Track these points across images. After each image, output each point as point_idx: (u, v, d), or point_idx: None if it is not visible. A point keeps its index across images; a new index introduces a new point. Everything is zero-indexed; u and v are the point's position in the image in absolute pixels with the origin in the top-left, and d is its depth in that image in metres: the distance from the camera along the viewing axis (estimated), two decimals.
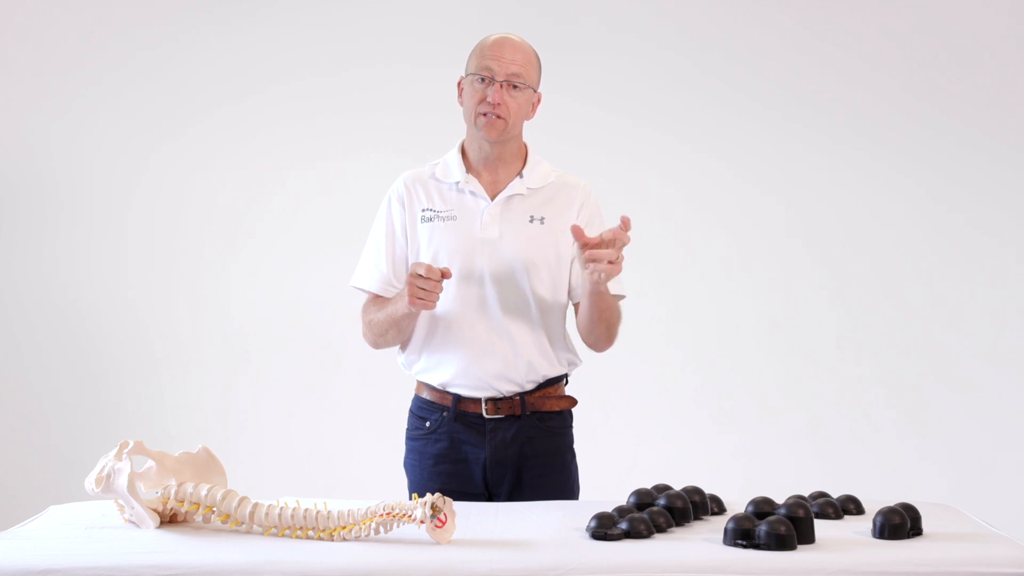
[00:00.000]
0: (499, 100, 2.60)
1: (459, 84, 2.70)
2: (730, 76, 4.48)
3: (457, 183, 2.69)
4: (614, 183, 4.24)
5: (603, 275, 2.44)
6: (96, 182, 4.49)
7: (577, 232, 2.44)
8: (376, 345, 2.73)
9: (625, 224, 2.43)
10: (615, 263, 2.44)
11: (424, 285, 2.48)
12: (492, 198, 2.68)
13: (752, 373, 4.48)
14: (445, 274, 2.50)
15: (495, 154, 2.68)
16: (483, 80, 2.61)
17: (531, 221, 2.67)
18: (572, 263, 2.69)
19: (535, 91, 2.67)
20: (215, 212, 4.50)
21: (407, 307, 2.55)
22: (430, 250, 2.66)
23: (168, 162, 4.50)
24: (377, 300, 2.71)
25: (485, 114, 2.61)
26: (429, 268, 2.49)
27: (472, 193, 2.68)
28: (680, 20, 4.49)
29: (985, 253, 4.46)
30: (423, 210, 2.69)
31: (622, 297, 2.73)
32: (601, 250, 2.42)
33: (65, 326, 4.49)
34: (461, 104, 2.70)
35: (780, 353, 4.48)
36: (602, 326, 2.67)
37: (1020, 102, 4.46)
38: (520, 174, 2.70)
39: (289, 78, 4.49)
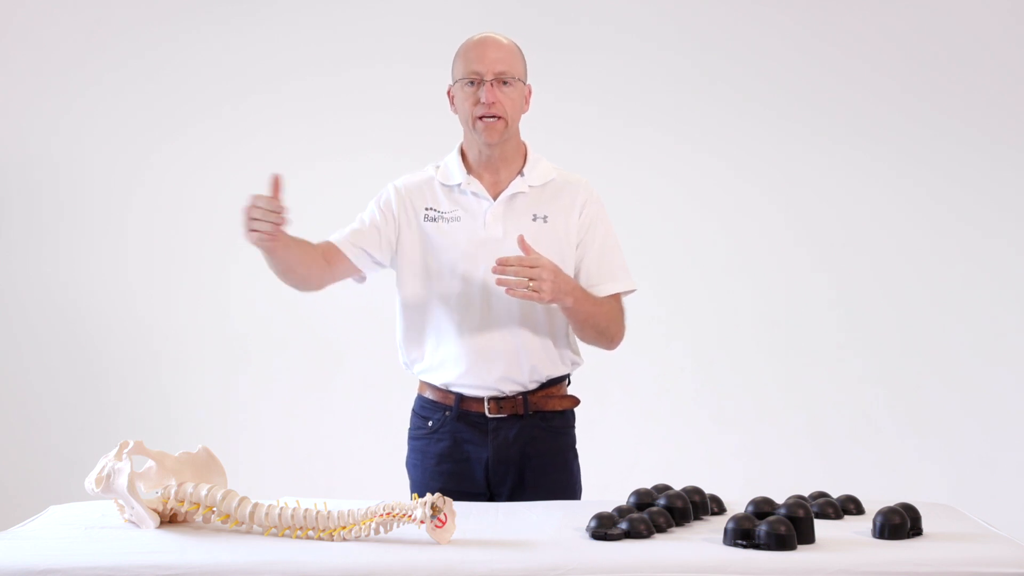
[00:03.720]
0: (493, 99, 2.60)
1: (449, 93, 2.71)
2: (730, 76, 4.48)
3: (459, 185, 2.69)
4: (614, 183, 4.23)
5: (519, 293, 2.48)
6: (96, 182, 4.49)
7: (521, 244, 2.51)
8: (281, 278, 2.65)
9: (518, 243, 2.51)
10: (530, 288, 2.47)
11: (255, 215, 2.38)
12: (494, 198, 2.68)
13: (752, 373, 4.48)
14: (275, 183, 2.40)
15: (495, 155, 2.68)
16: (472, 83, 2.62)
17: (534, 220, 2.67)
18: (581, 263, 2.69)
19: (524, 83, 2.68)
20: (215, 212, 4.50)
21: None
22: (434, 252, 2.66)
23: (168, 162, 4.50)
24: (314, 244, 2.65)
25: (482, 117, 2.61)
26: (261, 197, 2.38)
27: (474, 194, 2.68)
28: (680, 20, 4.49)
29: (985, 253, 4.46)
30: (427, 208, 2.69)
31: (627, 292, 2.73)
32: (507, 269, 2.46)
33: (65, 326, 4.49)
34: (455, 112, 2.70)
35: (780, 353, 4.48)
36: (589, 331, 2.67)
37: (1020, 102, 4.46)
38: (521, 172, 2.70)
39: (289, 78, 4.49)
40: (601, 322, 2.65)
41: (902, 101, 4.47)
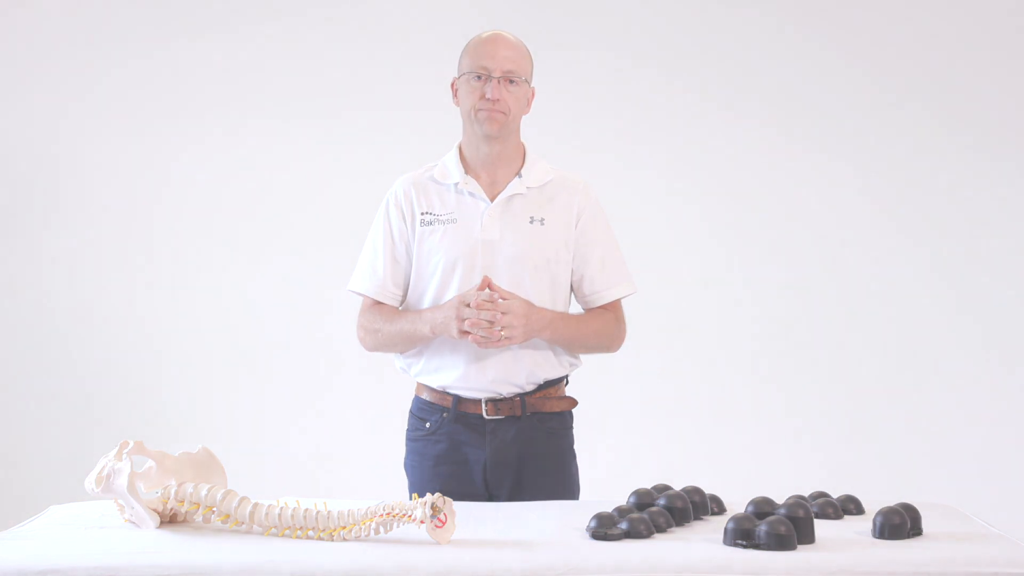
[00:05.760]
0: (498, 96, 2.60)
1: (453, 85, 2.71)
2: (732, 76, 4.48)
3: (456, 184, 2.69)
4: (615, 182, 4.24)
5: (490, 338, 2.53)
6: (97, 183, 4.49)
7: (489, 285, 2.55)
8: (374, 350, 2.73)
9: (483, 284, 2.55)
10: (502, 334, 2.52)
11: (483, 317, 2.51)
12: (491, 199, 2.67)
13: (752, 372, 4.48)
14: (482, 286, 2.55)
15: (494, 153, 2.68)
16: (479, 78, 2.62)
17: (531, 222, 2.66)
18: (584, 269, 2.69)
19: (530, 85, 2.68)
20: (215, 212, 4.50)
21: (436, 334, 2.58)
22: (429, 254, 2.65)
23: (168, 162, 4.50)
24: (379, 307, 2.70)
25: (486, 108, 2.61)
26: (473, 304, 2.52)
27: (471, 194, 2.68)
28: (683, 20, 4.49)
29: (986, 253, 4.46)
30: (422, 213, 2.68)
31: (624, 296, 2.73)
32: (480, 312, 2.51)
33: (65, 326, 4.48)
34: (457, 105, 2.70)
35: (780, 352, 4.48)
36: (578, 350, 2.71)
37: (1021, 103, 4.46)
38: (519, 174, 2.69)
39: (289, 78, 4.49)
40: (590, 340, 2.68)
41: (903, 102, 4.47)
